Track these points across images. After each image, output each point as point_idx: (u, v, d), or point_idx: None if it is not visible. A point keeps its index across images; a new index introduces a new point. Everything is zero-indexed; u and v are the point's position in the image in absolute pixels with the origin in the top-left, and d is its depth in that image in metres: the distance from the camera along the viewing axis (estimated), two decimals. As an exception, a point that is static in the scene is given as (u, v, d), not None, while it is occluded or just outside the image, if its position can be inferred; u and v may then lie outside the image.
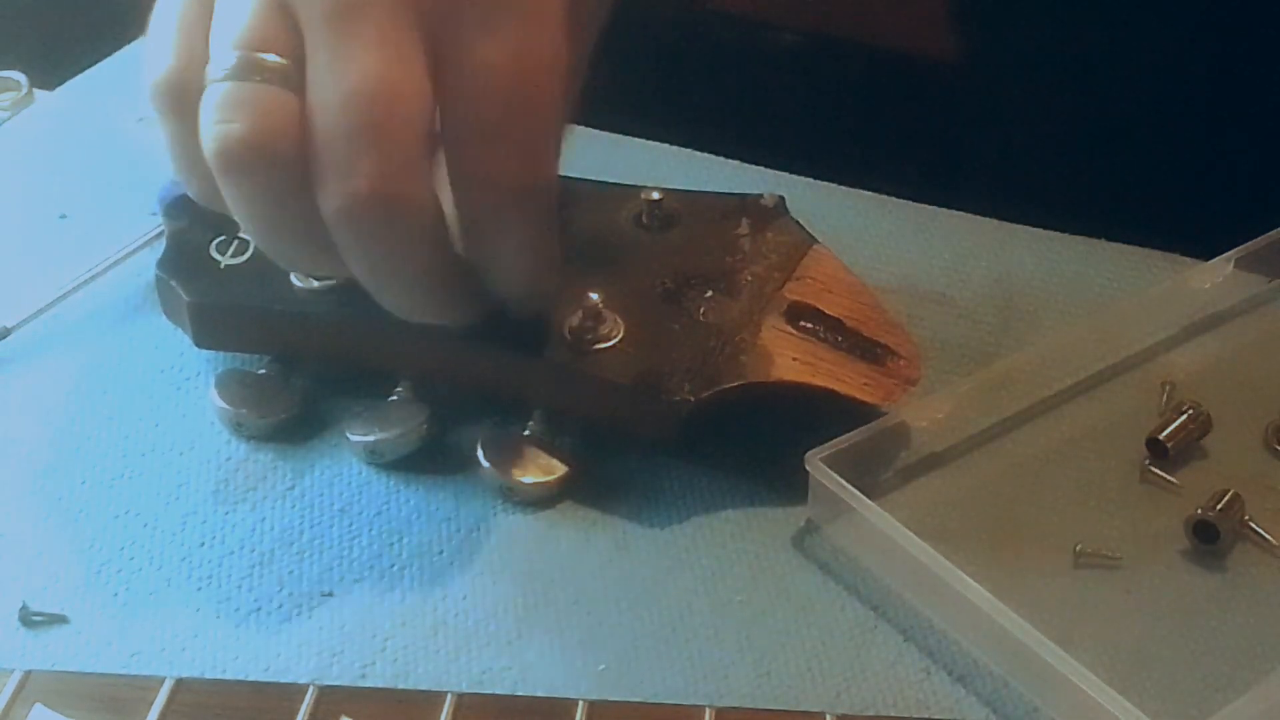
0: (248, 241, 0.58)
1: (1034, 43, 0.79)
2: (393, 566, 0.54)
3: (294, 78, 0.47)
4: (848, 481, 0.53)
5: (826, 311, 0.57)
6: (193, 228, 0.59)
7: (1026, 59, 0.79)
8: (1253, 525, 0.55)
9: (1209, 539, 0.54)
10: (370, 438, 0.56)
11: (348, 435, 0.56)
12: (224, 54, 0.48)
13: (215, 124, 0.47)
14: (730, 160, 0.70)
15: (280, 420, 0.57)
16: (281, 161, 0.47)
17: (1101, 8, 0.76)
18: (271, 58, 0.47)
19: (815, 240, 0.60)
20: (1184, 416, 0.57)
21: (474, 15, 0.48)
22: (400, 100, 0.47)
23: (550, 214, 0.50)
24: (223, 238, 0.58)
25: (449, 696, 0.46)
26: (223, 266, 0.58)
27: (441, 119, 0.48)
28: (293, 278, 0.57)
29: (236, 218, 0.49)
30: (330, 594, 0.53)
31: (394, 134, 0.47)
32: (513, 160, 0.48)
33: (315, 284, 0.57)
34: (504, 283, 0.52)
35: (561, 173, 0.60)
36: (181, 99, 0.49)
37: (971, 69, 0.80)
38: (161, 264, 0.58)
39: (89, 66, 0.75)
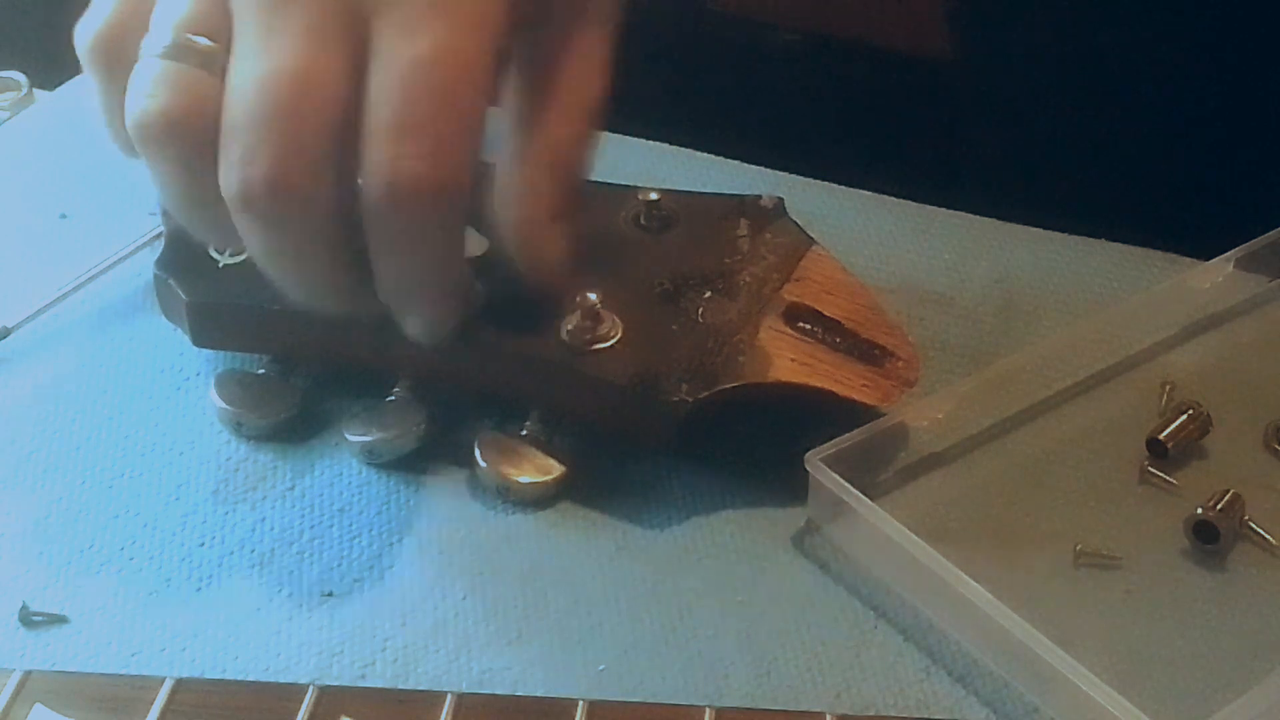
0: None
1: (1034, 43, 0.79)
2: (393, 566, 0.54)
3: (221, 62, 0.49)
4: (848, 481, 0.53)
5: (825, 313, 0.57)
6: (192, 228, 0.59)
7: (1026, 59, 0.79)
8: (1253, 525, 0.55)
9: (1209, 539, 0.54)
10: (368, 438, 0.56)
11: (346, 435, 0.56)
12: (162, 31, 0.49)
13: (137, 97, 0.49)
14: (730, 160, 0.70)
15: (280, 420, 0.57)
16: (192, 140, 0.48)
17: (1101, 8, 0.76)
18: (203, 41, 0.49)
19: (814, 241, 0.60)
20: (1184, 416, 0.57)
21: (402, 12, 0.48)
22: (311, 90, 0.47)
23: (454, 230, 0.50)
24: (222, 238, 0.58)
25: (449, 696, 0.46)
26: (221, 266, 0.58)
27: (359, 116, 0.48)
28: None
29: (154, 183, 0.51)
30: (330, 594, 0.53)
31: (299, 124, 0.47)
32: (420, 158, 0.48)
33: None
34: (401, 298, 0.52)
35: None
36: (111, 60, 0.50)
37: (971, 69, 0.80)
38: (160, 263, 0.58)
39: (89, 67, 0.75)
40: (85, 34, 0.51)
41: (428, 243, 0.50)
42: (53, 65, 0.76)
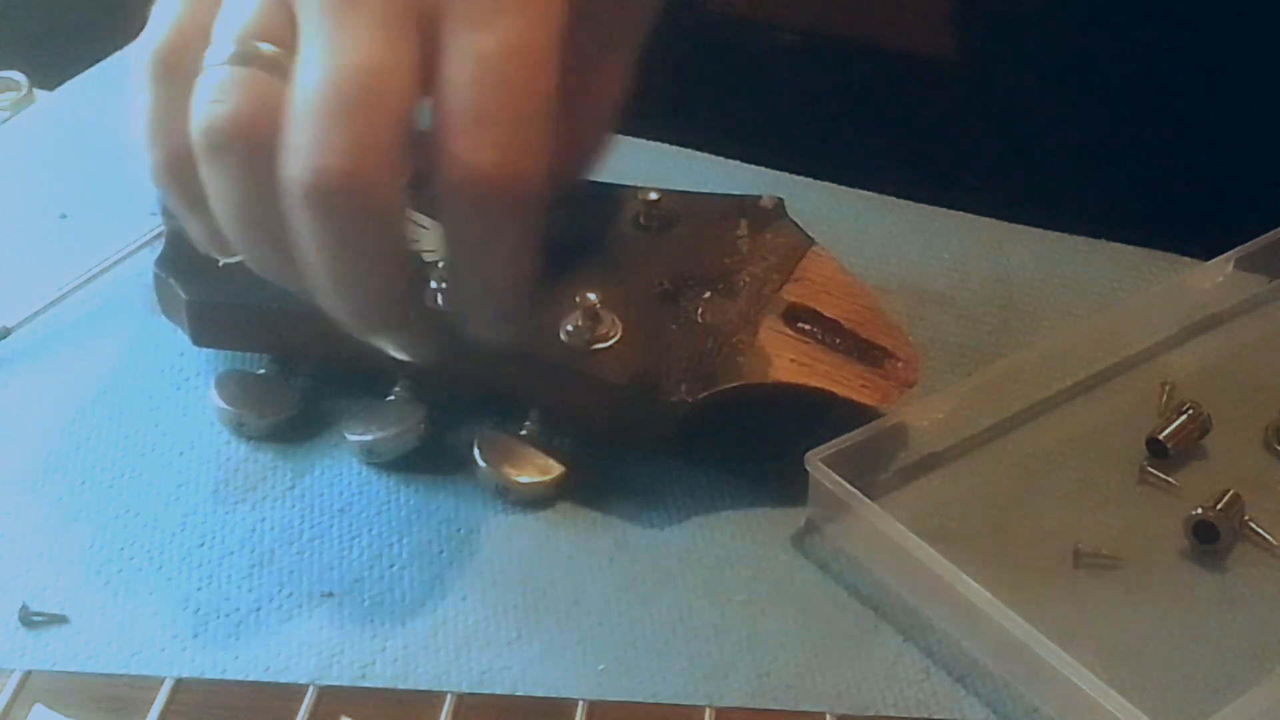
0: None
1: (1034, 43, 0.79)
2: (393, 566, 0.54)
3: (286, 67, 0.48)
4: (848, 481, 0.53)
5: (824, 313, 0.57)
6: (192, 228, 0.59)
7: (1027, 59, 0.79)
8: (1253, 525, 0.55)
9: (1209, 539, 0.54)
10: (367, 437, 0.56)
11: (345, 435, 0.56)
12: (225, 41, 0.49)
13: (204, 104, 0.48)
14: (730, 160, 0.70)
15: (280, 420, 0.57)
16: (259, 143, 0.48)
17: (1102, 8, 0.76)
18: (267, 47, 0.48)
19: (814, 242, 0.60)
20: (1184, 416, 0.57)
21: (471, 5, 0.48)
22: (382, 82, 0.47)
23: (530, 217, 0.50)
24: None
25: (449, 696, 0.46)
26: (221, 265, 0.58)
27: (433, 109, 0.48)
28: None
29: (210, 198, 0.50)
30: (330, 594, 0.53)
31: (371, 114, 0.47)
32: (495, 150, 0.48)
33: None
34: (472, 295, 0.51)
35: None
36: (172, 70, 0.50)
37: (972, 69, 0.80)
38: (160, 263, 0.58)
39: (89, 66, 0.75)
40: (146, 44, 0.50)
41: (508, 235, 0.49)
42: (53, 65, 0.76)
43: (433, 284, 0.55)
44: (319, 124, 0.47)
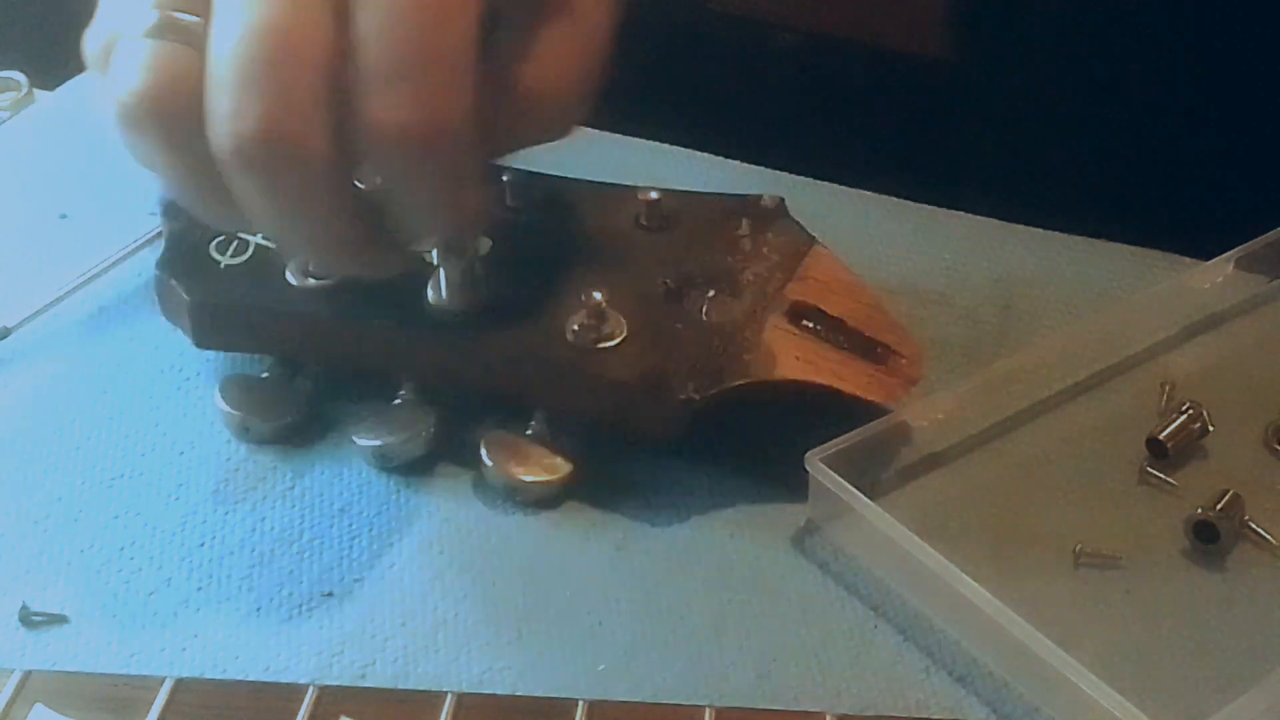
0: (248, 241, 0.58)
1: (1034, 43, 0.79)
2: (393, 566, 0.54)
3: (203, 37, 0.48)
4: (848, 481, 0.53)
5: (828, 311, 0.57)
6: (192, 227, 0.59)
7: (1026, 59, 0.79)
8: (1253, 525, 0.55)
9: (1209, 539, 0.54)
10: (378, 441, 0.56)
11: (354, 439, 0.56)
12: (144, 13, 0.49)
13: (118, 82, 0.49)
14: (730, 160, 0.70)
15: (286, 424, 0.57)
16: (175, 116, 0.48)
17: (1101, 8, 0.76)
18: (185, 17, 0.48)
19: (816, 240, 0.60)
20: (1184, 416, 0.57)
21: None
22: (292, 41, 0.47)
23: (460, 163, 0.49)
24: (222, 237, 0.58)
25: (449, 696, 0.46)
26: (222, 266, 0.58)
27: (351, 62, 0.48)
28: (289, 276, 0.57)
29: (149, 172, 0.50)
30: (330, 594, 0.53)
31: (287, 74, 0.47)
32: (414, 102, 0.47)
33: (314, 283, 0.57)
34: (416, 231, 0.51)
35: (562, 173, 0.61)
36: (106, 57, 0.50)
37: (971, 69, 0.80)
38: (161, 264, 0.58)
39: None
40: (87, 36, 0.51)
41: (438, 181, 0.49)
42: (53, 65, 0.76)
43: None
44: (233, 90, 0.47)
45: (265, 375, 0.58)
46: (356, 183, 0.50)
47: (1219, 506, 0.54)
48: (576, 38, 0.52)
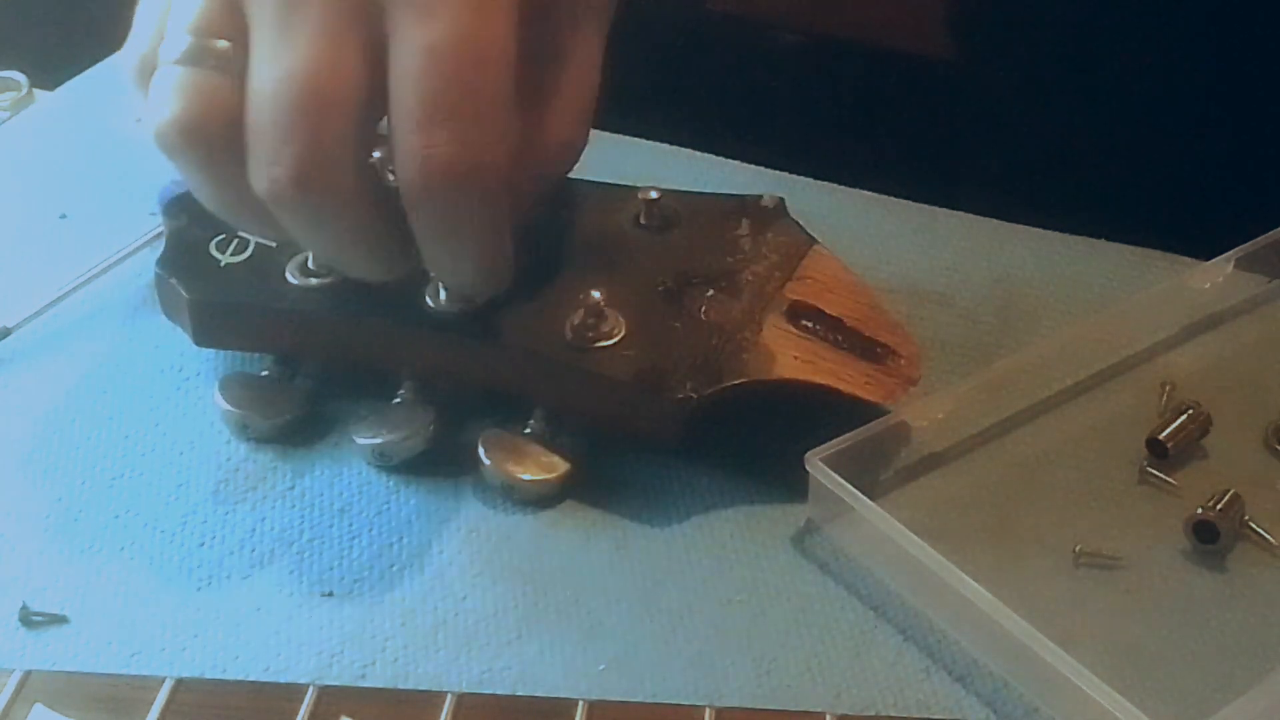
0: (247, 240, 0.58)
1: (1034, 43, 0.79)
2: (393, 566, 0.54)
3: (238, 63, 0.49)
4: (848, 481, 0.53)
5: (827, 311, 0.57)
6: (192, 226, 0.59)
7: (1026, 59, 0.79)
8: (1253, 525, 0.55)
9: (1209, 539, 0.54)
10: (378, 440, 0.56)
11: (354, 438, 0.56)
12: (177, 37, 0.50)
13: (155, 107, 0.49)
14: (730, 160, 0.70)
15: (285, 422, 0.57)
16: (211, 144, 0.49)
17: (1102, 8, 0.76)
18: (219, 43, 0.49)
19: (815, 240, 0.60)
20: (1184, 416, 0.57)
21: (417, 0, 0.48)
22: (329, 87, 0.48)
23: (495, 205, 0.50)
24: (222, 236, 0.58)
25: (449, 696, 0.46)
26: (223, 265, 0.58)
27: (388, 104, 0.49)
28: (289, 276, 0.57)
29: (191, 190, 0.52)
30: (330, 594, 0.53)
31: (320, 121, 0.48)
32: (451, 143, 0.48)
33: (314, 282, 0.57)
34: (449, 274, 0.53)
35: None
36: (146, 78, 0.51)
37: (971, 69, 0.80)
38: (161, 262, 0.58)
39: (89, 66, 0.75)
40: (125, 56, 0.52)
41: (471, 223, 0.50)
42: (53, 65, 0.76)
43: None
44: (268, 136, 0.48)
45: (265, 374, 0.58)
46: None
47: (1219, 506, 0.54)
48: (576, 84, 0.54)
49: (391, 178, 0.50)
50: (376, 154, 0.52)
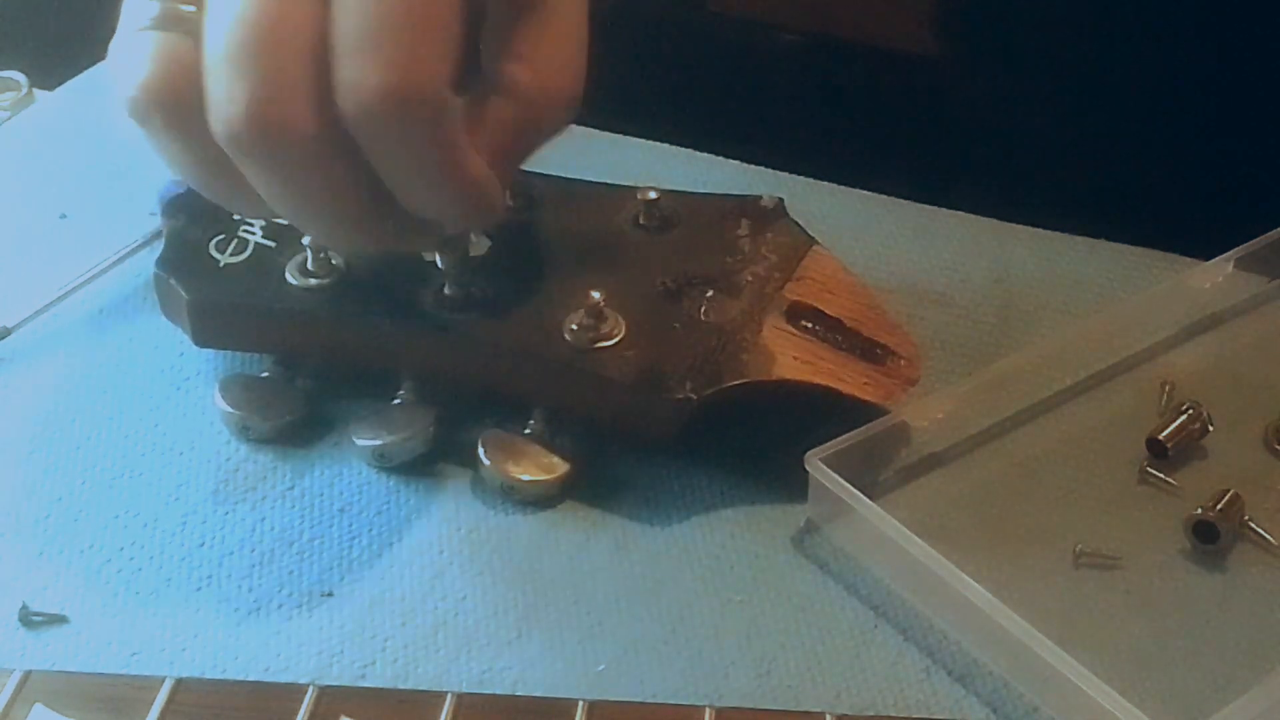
0: (247, 240, 0.58)
1: (1034, 43, 0.79)
2: (393, 566, 0.54)
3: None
4: (848, 481, 0.53)
5: (827, 312, 0.57)
6: (192, 226, 0.59)
7: (1027, 59, 0.79)
8: (1253, 525, 0.55)
9: (1209, 539, 0.54)
10: (378, 441, 0.56)
11: (354, 439, 0.56)
12: (146, 6, 0.50)
13: (122, 74, 0.49)
14: (730, 160, 0.70)
15: (285, 423, 0.57)
16: (180, 106, 0.49)
17: (1102, 7, 0.76)
18: (187, 8, 0.49)
19: (815, 241, 0.60)
20: (1184, 416, 0.57)
21: None
22: (281, 26, 0.47)
23: (447, 131, 0.49)
24: (221, 236, 0.58)
25: (449, 696, 0.46)
26: (222, 265, 0.58)
27: (329, 34, 0.48)
28: (289, 276, 0.57)
29: (164, 163, 0.51)
30: (330, 594, 0.53)
31: (273, 59, 0.47)
32: (387, 66, 0.47)
33: (314, 282, 0.57)
34: (424, 207, 0.51)
35: (562, 173, 0.61)
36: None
37: (972, 69, 0.80)
38: (160, 262, 0.58)
39: (89, 66, 0.75)
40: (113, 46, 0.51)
41: (421, 149, 0.49)
42: (53, 65, 0.76)
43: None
44: (222, 77, 0.48)
45: (265, 375, 0.58)
46: None
47: (1219, 506, 0.54)
48: (560, 34, 0.52)
49: None
50: None
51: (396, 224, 0.51)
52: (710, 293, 0.57)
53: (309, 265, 0.57)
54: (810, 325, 0.57)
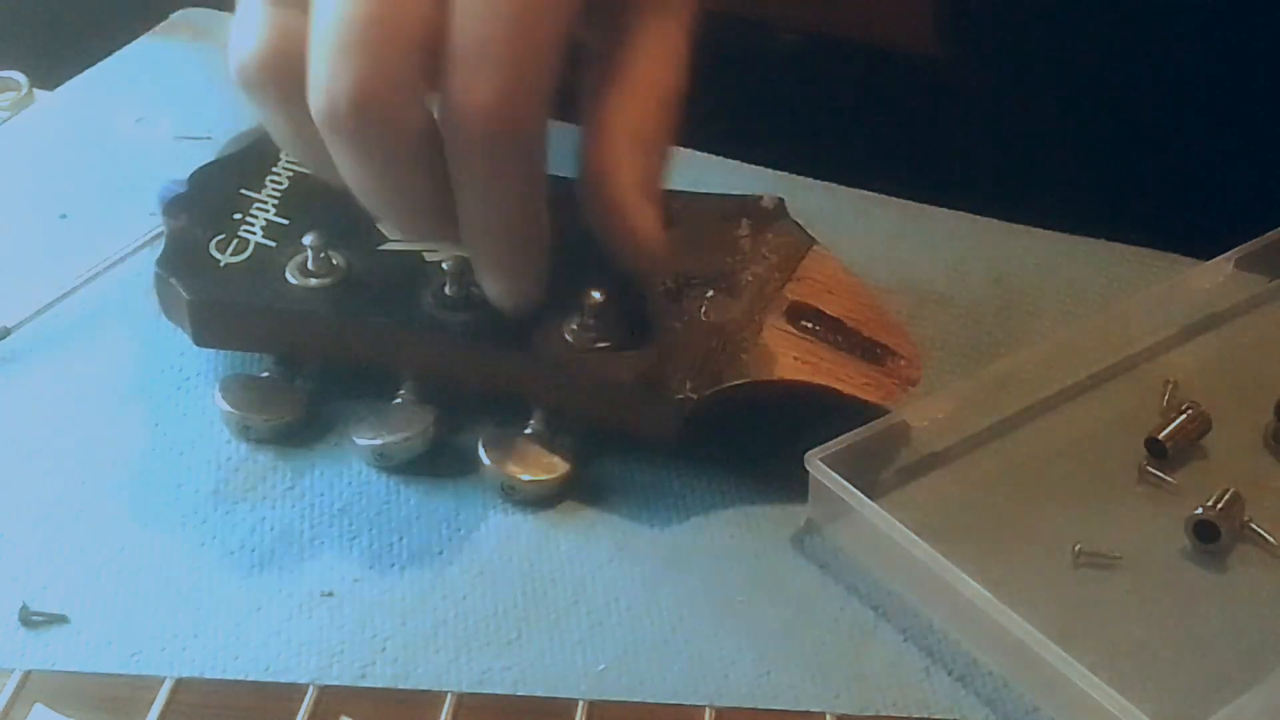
0: (247, 240, 0.58)
1: (1034, 43, 0.79)
2: (393, 566, 0.54)
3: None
4: (848, 481, 0.53)
5: (827, 312, 0.57)
6: (192, 226, 0.59)
7: (1026, 59, 0.79)
8: (1253, 525, 0.55)
9: (1209, 539, 0.54)
10: (378, 441, 0.56)
11: (354, 439, 0.56)
12: None
13: (233, 43, 0.50)
14: (730, 160, 0.70)
15: (285, 423, 0.57)
16: (286, 79, 0.49)
17: (1104, 8, 0.76)
18: None
19: (815, 241, 0.60)
20: (1184, 416, 0.57)
21: None
22: (394, 13, 0.48)
23: (530, 164, 0.50)
24: (222, 236, 0.58)
25: (449, 696, 0.46)
26: (223, 265, 0.58)
27: (444, 39, 0.49)
28: (289, 276, 0.57)
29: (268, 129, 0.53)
30: (330, 594, 0.53)
31: (383, 44, 0.48)
32: (490, 87, 0.48)
33: (314, 282, 0.57)
34: (473, 235, 0.52)
35: (563, 173, 0.61)
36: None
37: (972, 69, 0.80)
38: (161, 262, 0.58)
39: (89, 66, 0.75)
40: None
41: (501, 177, 0.50)
42: (53, 65, 0.76)
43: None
44: (330, 55, 0.48)
45: (265, 375, 0.58)
46: None
47: (1219, 506, 0.54)
48: (651, 77, 0.54)
49: None
50: None
51: (454, 228, 0.52)
52: (710, 293, 0.57)
53: (310, 265, 0.57)
54: (810, 325, 0.57)
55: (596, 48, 0.53)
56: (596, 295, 0.55)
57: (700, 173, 0.69)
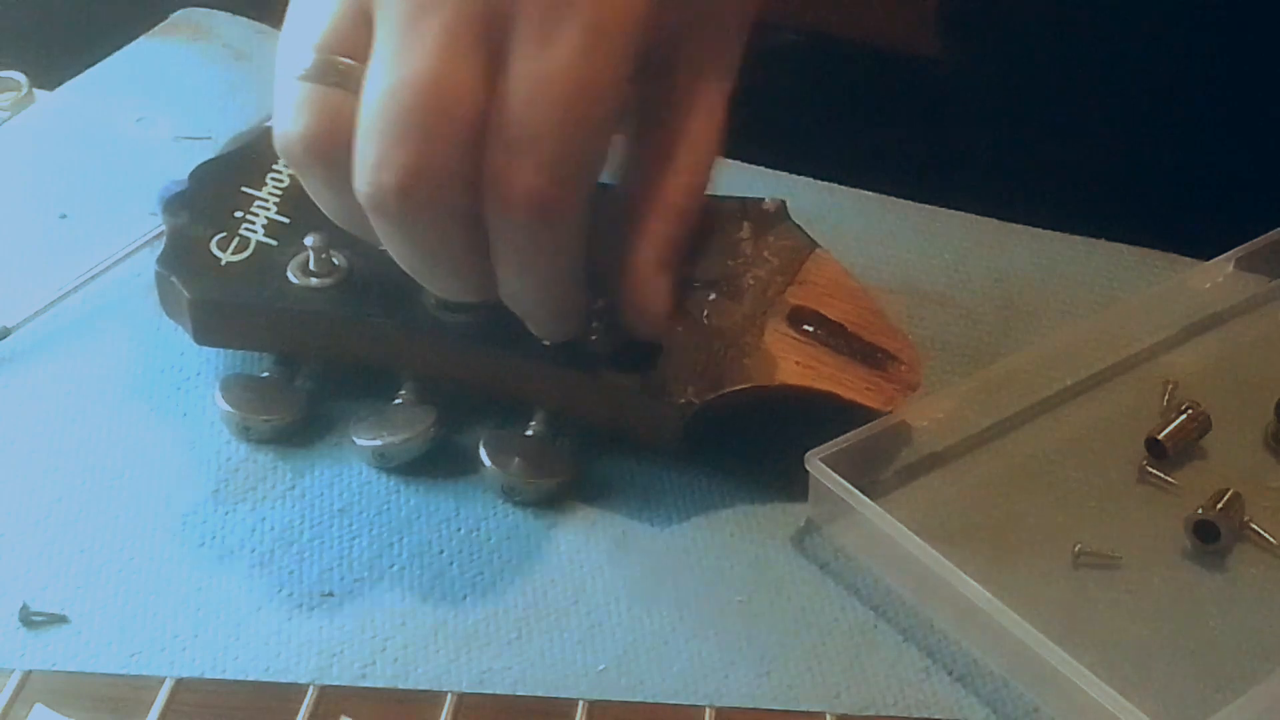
0: (248, 239, 0.58)
1: (1034, 43, 0.79)
2: (393, 566, 0.54)
3: (360, 80, 0.49)
4: (848, 481, 0.53)
5: (828, 316, 0.57)
6: (193, 225, 0.59)
7: (1027, 59, 0.79)
8: (1253, 525, 0.55)
9: (1209, 539, 0.54)
10: (378, 442, 0.56)
11: (354, 439, 0.56)
12: (303, 53, 0.50)
13: (280, 122, 0.50)
14: (730, 160, 0.70)
15: (286, 423, 0.57)
16: (330, 159, 0.49)
17: (1102, 8, 0.76)
18: (345, 61, 0.49)
19: (816, 244, 0.60)
20: (1184, 416, 0.57)
21: (537, 23, 0.48)
22: (444, 98, 0.48)
23: (568, 247, 0.50)
24: (223, 234, 0.58)
25: (449, 696, 0.46)
26: (223, 263, 0.58)
27: (493, 120, 0.48)
28: (290, 275, 0.57)
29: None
30: (330, 594, 0.53)
31: (430, 131, 0.48)
32: (536, 173, 0.48)
33: (315, 282, 0.57)
34: (516, 302, 0.52)
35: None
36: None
37: (972, 69, 0.80)
38: (162, 261, 0.58)
39: (89, 66, 0.75)
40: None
41: (542, 257, 0.50)
42: (53, 65, 0.76)
43: None
44: (378, 139, 0.48)
45: (265, 374, 0.58)
46: None
47: (1219, 506, 0.54)
48: (698, 140, 0.54)
49: None
50: None
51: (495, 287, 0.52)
52: (712, 296, 0.57)
53: (311, 265, 0.57)
54: (812, 329, 0.57)
55: (643, 100, 0.53)
56: (599, 299, 0.55)
57: (700, 173, 0.69)
